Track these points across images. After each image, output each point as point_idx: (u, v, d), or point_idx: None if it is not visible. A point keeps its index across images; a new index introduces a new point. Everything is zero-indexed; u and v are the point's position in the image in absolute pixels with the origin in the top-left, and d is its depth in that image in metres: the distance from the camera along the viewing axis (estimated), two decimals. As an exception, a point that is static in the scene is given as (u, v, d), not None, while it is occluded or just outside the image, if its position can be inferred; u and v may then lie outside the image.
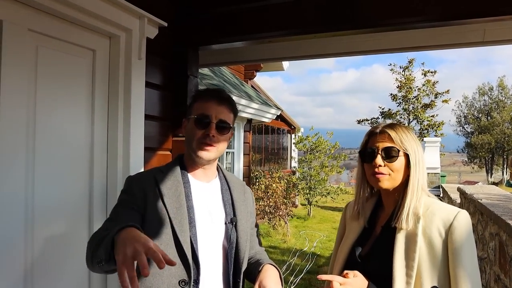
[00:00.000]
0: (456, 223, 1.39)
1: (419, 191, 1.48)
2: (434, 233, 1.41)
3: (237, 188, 1.72)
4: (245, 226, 1.65)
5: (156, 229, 1.48)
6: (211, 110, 1.57)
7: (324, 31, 2.52)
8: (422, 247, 1.41)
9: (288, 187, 12.01)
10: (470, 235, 1.40)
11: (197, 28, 2.83)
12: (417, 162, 1.50)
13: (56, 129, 2.09)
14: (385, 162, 1.50)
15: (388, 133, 1.51)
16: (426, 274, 1.39)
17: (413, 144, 1.51)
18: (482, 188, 8.60)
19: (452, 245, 1.37)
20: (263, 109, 7.73)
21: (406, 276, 1.40)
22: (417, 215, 1.45)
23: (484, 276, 5.34)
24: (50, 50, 2.05)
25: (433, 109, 20.91)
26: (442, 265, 1.39)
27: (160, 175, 1.59)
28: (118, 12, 2.31)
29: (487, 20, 2.31)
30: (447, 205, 1.48)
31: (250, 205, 1.75)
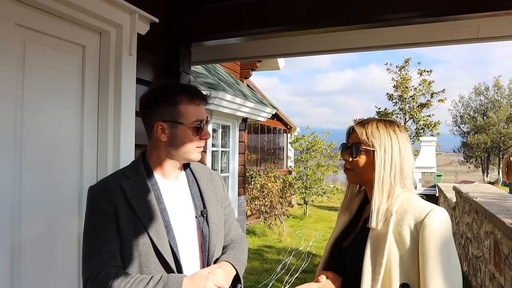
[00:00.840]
0: (427, 220, 1.35)
1: (384, 189, 1.45)
2: (405, 230, 1.38)
3: (204, 178, 1.68)
4: (215, 217, 1.63)
5: (133, 241, 1.44)
6: (203, 115, 1.55)
7: (317, 26, 2.50)
8: (392, 244, 1.39)
9: (284, 186, 11.98)
10: (442, 233, 1.36)
11: (189, 24, 2.80)
12: (384, 160, 1.46)
13: (44, 126, 2.06)
14: (351, 157, 1.53)
15: (355, 130, 1.54)
16: (396, 271, 1.37)
17: (383, 141, 1.48)
18: (477, 187, 8.61)
19: (422, 243, 1.34)
20: (258, 108, 7.71)
21: (374, 272, 1.39)
22: (388, 212, 1.43)
23: (479, 275, 5.34)
24: (38, 45, 2.02)
25: (429, 109, 20.95)
26: (412, 262, 1.36)
27: (126, 182, 1.51)
28: (108, 8, 2.28)
29: (481, 15, 2.30)
30: (423, 203, 1.43)
31: (220, 191, 1.73)
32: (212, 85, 6.28)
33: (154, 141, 1.55)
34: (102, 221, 1.45)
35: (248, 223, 10.33)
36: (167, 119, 1.50)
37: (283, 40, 3.27)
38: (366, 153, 1.50)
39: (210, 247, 1.59)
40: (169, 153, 1.55)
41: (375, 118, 1.56)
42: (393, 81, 21.24)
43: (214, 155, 7.17)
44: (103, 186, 1.53)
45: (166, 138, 1.52)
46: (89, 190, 1.54)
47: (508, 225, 3.65)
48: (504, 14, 2.26)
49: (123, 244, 1.44)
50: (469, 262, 6.22)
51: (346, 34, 3.05)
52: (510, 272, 3.65)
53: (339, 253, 1.56)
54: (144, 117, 1.57)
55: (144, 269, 1.43)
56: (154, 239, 1.44)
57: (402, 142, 1.50)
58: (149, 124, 1.54)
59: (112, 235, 1.44)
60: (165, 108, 1.50)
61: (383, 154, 1.47)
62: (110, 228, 1.44)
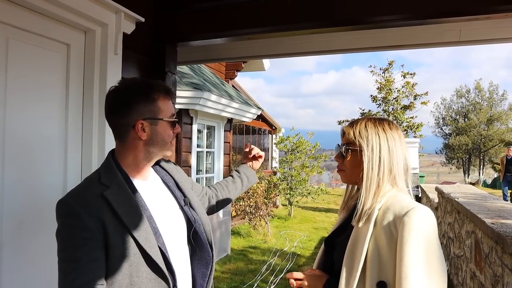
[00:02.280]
0: (407, 218, 1.31)
1: (372, 189, 1.44)
2: (385, 228, 1.36)
3: (173, 169, 1.71)
4: (197, 201, 1.69)
5: (123, 252, 1.36)
6: (174, 109, 1.58)
7: (302, 28, 2.52)
8: (372, 241, 1.38)
9: (269, 187, 12.00)
10: (422, 233, 1.30)
11: (175, 24, 2.80)
12: (372, 159, 1.45)
13: (27, 126, 2.03)
14: (341, 158, 1.55)
15: (344, 130, 1.56)
16: (373, 268, 1.35)
17: (371, 140, 1.47)
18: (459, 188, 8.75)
19: (400, 241, 1.30)
20: (243, 109, 7.71)
21: (352, 268, 1.38)
22: (371, 210, 1.42)
23: (460, 274, 5.43)
24: (21, 43, 1.99)
25: (412, 111, 21.21)
26: (390, 261, 1.33)
27: (108, 192, 1.39)
28: (93, 6, 2.26)
29: (463, 19, 2.35)
30: (406, 201, 1.40)
31: (185, 175, 1.77)
32: (198, 85, 6.26)
33: (132, 141, 1.47)
34: (85, 239, 1.32)
35: (233, 224, 10.32)
36: (147, 116, 1.45)
37: (269, 41, 3.29)
38: (354, 153, 1.50)
39: (205, 228, 1.63)
40: (148, 151, 1.49)
41: (366, 117, 1.55)
42: (377, 83, 21.46)
43: (199, 155, 7.14)
44: (81, 199, 1.37)
45: (147, 137, 1.46)
46: (63, 205, 1.37)
47: (488, 224, 3.72)
48: (485, 18, 2.32)
49: (112, 258, 1.35)
50: (451, 261, 6.33)
51: (332, 36, 3.08)
52: (490, 271, 3.73)
53: (330, 250, 1.60)
54: (121, 117, 1.46)
55: (135, 279, 1.37)
56: (145, 248, 1.37)
57: (391, 140, 1.48)
58: (127, 124, 1.45)
59: (96, 252, 1.32)
60: (144, 105, 1.45)
61: (370, 153, 1.46)
62: (94, 245, 1.32)
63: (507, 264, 3.19)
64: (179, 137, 6.19)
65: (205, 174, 7.42)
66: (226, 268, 6.90)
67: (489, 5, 2.16)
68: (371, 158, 1.46)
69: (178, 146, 6.25)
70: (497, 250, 3.47)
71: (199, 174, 7.16)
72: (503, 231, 3.35)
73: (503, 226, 3.59)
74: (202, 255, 1.63)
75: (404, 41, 2.96)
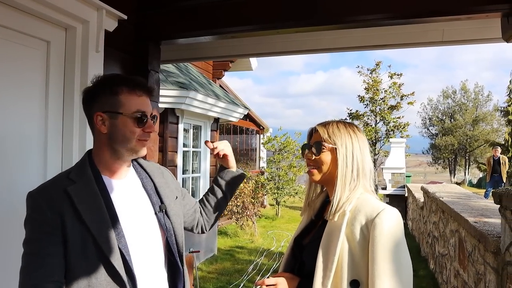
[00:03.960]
0: (378, 220, 1.38)
1: (346, 185, 1.49)
2: (357, 229, 1.41)
3: (156, 172, 1.63)
4: (174, 209, 1.58)
5: (82, 250, 1.33)
6: (146, 107, 1.47)
7: (285, 26, 2.51)
8: (344, 241, 1.42)
9: (256, 187, 12.00)
10: (392, 233, 1.38)
11: (158, 22, 2.77)
12: (346, 156, 1.51)
13: (5, 124, 1.99)
14: (314, 156, 1.56)
15: (317, 129, 1.58)
16: (347, 268, 1.39)
17: (344, 139, 1.53)
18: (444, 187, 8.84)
19: (372, 241, 1.37)
20: (230, 108, 7.69)
21: (325, 268, 1.41)
22: (344, 209, 1.46)
23: (445, 272, 5.48)
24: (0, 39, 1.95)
25: (399, 111, 21.39)
26: (363, 260, 1.39)
27: (71, 187, 1.38)
28: (74, 3, 2.22)
29: (445, 19, 2.37)
30: (376, 203, 1.47)
31: (172, 182, 1.69)
32: (184, 84, 6.23)
33: (97, 136, 1.48)
34: (45, 233, 1.32)
35: (220, 224, 10.29)
36: (107, 109, 1.43)
37: (254, 40, 3.28)
38: (327, 152, 1.54)
39: (177, 239, 1.55)
40: (112, 148, 1.46)
41: (335, 120, 1.61)
42: (364, 84, 21.60)
43: (185, 155, 7.11)
44: (45, 193, 1.38)
45: (106, 130, 1.44)
46: (29, 196, 1.39)
47: (471, 223, 3.75)
48: (467, 18, 2.33)
49: (71, 255, 1.32)
50: (435, 260, 6.38)
51: (317, 35, 3.08)
52: (473, 269, 3.77)
53: (299, 251, 1.60)
54: (86, 109, 1.50)
55: (94, 280, 1.33)
56: (104, 248, 1.33)
57: (361, 141, 1.56)
58: (89, 116, 1.47)
59: (54, 248, 1.31)
60: (105, 98, 1.44)
61: (344, 151, 1.51)
62: (53, 240, 1.32)
63: (489, 262, 3.22)
64: (165, 137, 6.15)
65: (192, 174, 7.39)
66: (213, 268, 6.88)
67: (470, 5, 2.18)
68: (345, 155, 1.51)
69: (164, 145, 6.20)
70: (480, 248, 3.51)
71: (185, 174, 7.12)
72: (485, 230, 3.39)
73: (486, 224, 3.63)
74: (174, 268, 1.56)
75: (389, 40, 2.98)
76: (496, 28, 2.35)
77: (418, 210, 8.97)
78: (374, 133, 21.41)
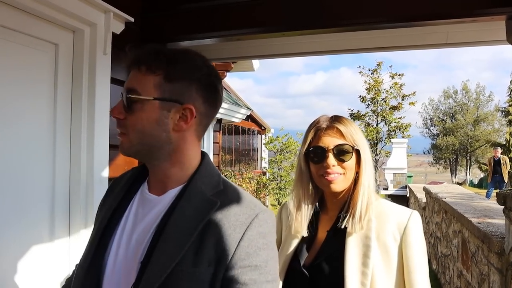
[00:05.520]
0: (411, 224, 1.29)
1: (370, 190, 1.36)
2: (388, 236, 1.30)
3: (199, 206, 1.02)
4: (162, 268, 0.96)
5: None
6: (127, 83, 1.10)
7: (291, 29, 2.53)
8: (376, 251, 1.29)
9: (258, 187, 12.02)
10: (422, 236, 1.33)
11: (164, 24, 2.79)
12: (367, 159, 1.38)
13: (14, 127, 2.01)
14: (337, 161, 1.36)
15: (338, 128, 1.37)
16: (381, 281, 1.27)
17: (362, 139, 1.39)
18: (446, 188, 8.84)
19: (407, 248, 1.28)
20: (233, 109, 7.71)
21: (360, 284, 1.26)
22: (369, 216, 1.33)
23: (448, 273, 5.49)
24: (8, 42, 1.96)
25: (400, 111, 21.41)
26: (397, 270, 1.29)
27: (120, 178, 1.24)
28: (82, 6, 2.24)
29: (449, 22, 2.38)
30: (398, 206, 1.37)
31: (229, 245, 0.98)
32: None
33: None
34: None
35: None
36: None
37: (259, 42, 3.30)
38: (352, 156, 1.37)
39: None
40: None
41: (340, 116, 1.44)
42: (365, 84, 21.61)
43: (188, 156, 7.13)
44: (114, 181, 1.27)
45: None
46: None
47: (475, 224, 3.77)
48: (472, 21, 2.35)
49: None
50: (438, 260, 6.39)
51: (320, 37, 3.10)
52: (477, 269, 3.78)
53: (299, 274, 1.37)
54: None
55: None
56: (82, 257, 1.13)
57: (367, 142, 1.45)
58: None
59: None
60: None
61: (364, 153, 1.39)
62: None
63: (493, 263, 3.23)
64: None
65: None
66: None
67: (475, 9, 2.20)
68: (366, 159, 1.38)
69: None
70: (484, 249, 3.52)
71: (188, 175, 7.14)
72: (489, 231, 3.40)
73: (489, 225, 3.64)
74: None
75: (391, 43, 2.99)
76: (501, 30, 2.36)
77: (420, 211, 8.98)
78: (376, 134, 21.42)
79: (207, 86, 1.06)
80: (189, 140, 1.07)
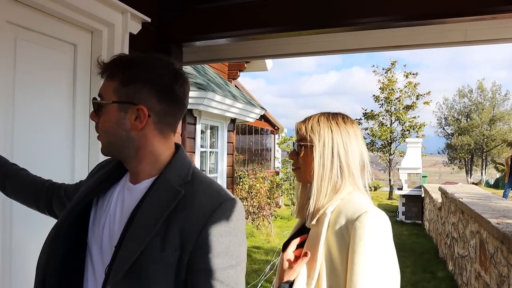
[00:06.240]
0: (358, 223, 1.23)
1: (323, 186, 1.35)
2: (337, 233, 1.28)
3: (164, 196, 1.10)
4: (131, 252, 1.05)
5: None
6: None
7: (308, 28, 2.52)
8: (325, 247, 1.28)
9: (271, 187, 12.01)
10: (373, 238, 1.22)
11: (180, 24, 2.80)
12: (323, 154, 1.36)
13: (35, 125, 2.04)
14: (296, 156, 1.45)
15: (297, 124, 1.46)
16: (325, 276, 1.26)
17: (323, 134, 1.38)
18: (462, 188, 8.74)
19: (351, 247, 1.23)
20: (247, 109, 7.71)
21: (308, 276, 1.29)
22: (323, 212, 1.32)
23: (465, 274, 5.42)
24: (29, 43, 1.99)
25: (414, 111, 21.22)
26: (343, 267, 1.25)
27: (105, 162, 1.35)
28: (100, 6, 2.27)
29: (468, 19, 2.34)
30: (360, 204, 1.31)
31: (194, 228, 1.06)
32: (202, 85, 6.27)
33: None
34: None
35: (236, 224, 10.32)
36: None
37: (273, 41, 3.29)
38: (306, 150, 1.41)
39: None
40: None
41: (320, 112, 1.46)
42: (379, 83, 21.46)
43: (202, 155, 7.16)
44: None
45: None
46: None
47: (493, 224, 3.71)
48: (492, 18, 2.31)
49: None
50: (454, 261, 6.32)
51: (336, 36, 3.07)
52: (496, 271, 3.72)
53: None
54: None
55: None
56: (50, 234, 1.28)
57: (345, 134, 1.39)
58: None
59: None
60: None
61: (321, 148, 1.37)
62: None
63: (513, 264, 3.18)
64: (183, 137, 6.20)
65: (209, 174, 7.43)
66: (230, 268, 6.90)
67: (496, 5, 2.16)
68: (322, 154, 1.36)
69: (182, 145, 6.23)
70: (503, 250, 3.47)
71: (202, 174, 7.17)
72: (509, 231, 3.35)
73: (509, 226, 3.59)
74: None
75: (408, 41, 2.95)
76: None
77: (435, 211, 8.88)
78: (390, 133, 21.26)
79: (161, 86, 1.14)
80: (151, 138, 1.15)
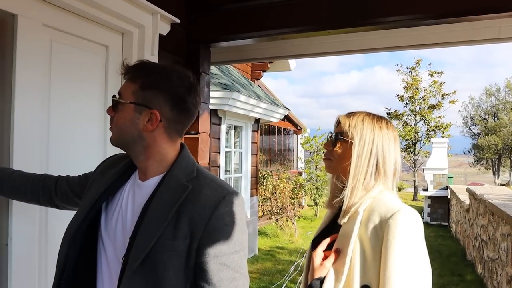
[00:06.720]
0: (392, 222, 1.26)
1: (358, 184, 1.37)
2: (370, 230, 1.30)
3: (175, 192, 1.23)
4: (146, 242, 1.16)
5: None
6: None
7: (338, 27, 2.50)
8: (357, 243, 1.31)
9: (295, 187, 11.98)
10: (406, 236, 1.25)
11: (208, 24, 2.82)
12: (362, 153, 1.39)
13: (70, 125, 2.08)
14: (331, 146, 1.47)
15: (339, 120, 1.48)
16: (359, 272, 1.29)
17: (365, 133, 1.41)
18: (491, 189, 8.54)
19: (385, 244, 1.25)
20: (271, 109, 7.71)
21: (337, 272, 1.31)
22: (356, 210, 1.35)
23: (495, 277, 5.29)
24: (63, 45, 2.04)
25: (439, 110, 20.84)
26: (374, 264, 1.28)
27: (114, 159, 1.46)
28: (131, 8, 2.30)
29: (503, 16, 2.28)
30: (391, 203, 1.34)
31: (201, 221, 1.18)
32: (227, 85, 6.30)
33: None
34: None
35: (260, 224, 10.33)
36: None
37: (299, 41, 3.27)
38: (344, 145, 1.43)
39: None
40: None
41: (364, 111, 1.48)
42: (403, 82, 21.16)
43: (227, 156, 7.19)
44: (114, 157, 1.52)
45: None
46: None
47: (527, 227, 3.61)
48: (528, 14, 2.24)
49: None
50: (484, 264, 6.17)
51: (363, 35, 3.02)
52: (529, 275, 3.62)
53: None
54: None
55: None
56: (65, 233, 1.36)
57: (386, 139, 1.42)
58: None
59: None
60: None
61: (361, 148, 1.40)
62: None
63: (548, 267, 3.09)
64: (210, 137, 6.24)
65: (233, 174, 7.46)
66: (254, 268, 6.92)
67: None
68: (361, 153, 1.39)
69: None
70: (537, 253, 3.37)
71: (227, 174, 7.20)
72: (543, 234, 3.25)
73: (543, 228, 3.48)
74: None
75: (440, 39, 2.89)
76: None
77: (463, 213, 8.70)
78: (414, 133, 20.94)
79: (175, 96, 1.26)
80: (159, 140, 1.27)
